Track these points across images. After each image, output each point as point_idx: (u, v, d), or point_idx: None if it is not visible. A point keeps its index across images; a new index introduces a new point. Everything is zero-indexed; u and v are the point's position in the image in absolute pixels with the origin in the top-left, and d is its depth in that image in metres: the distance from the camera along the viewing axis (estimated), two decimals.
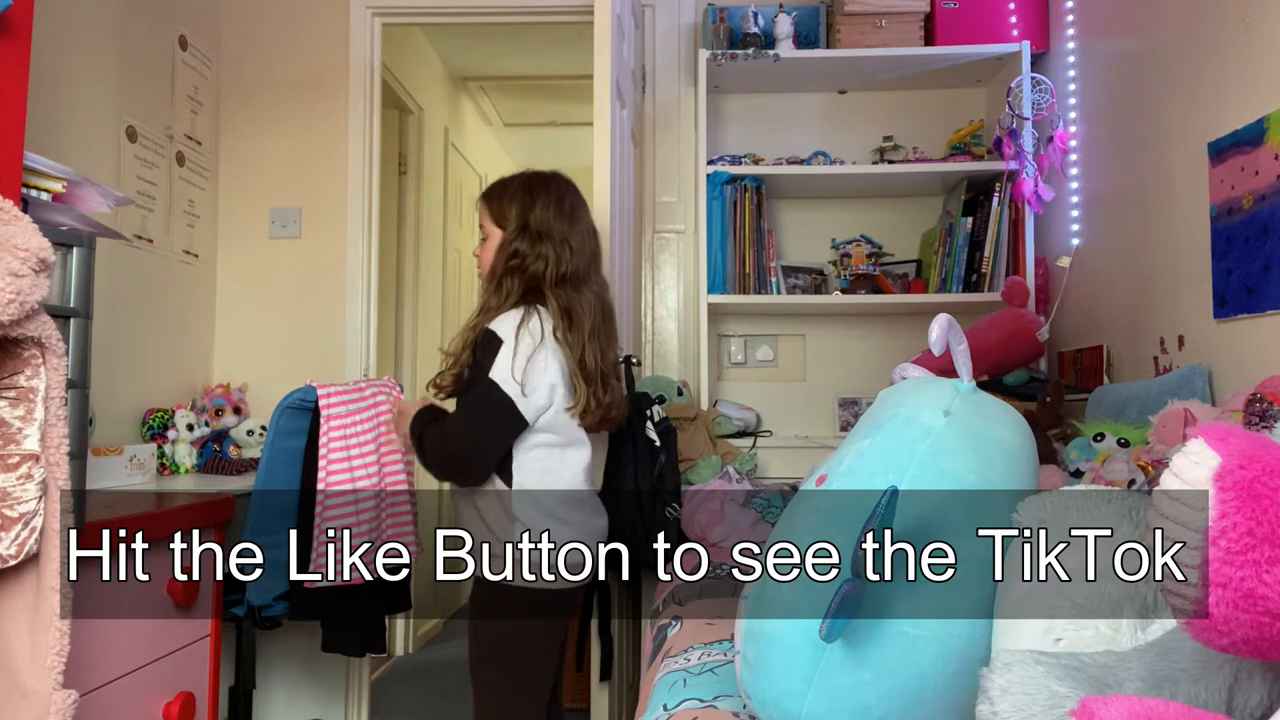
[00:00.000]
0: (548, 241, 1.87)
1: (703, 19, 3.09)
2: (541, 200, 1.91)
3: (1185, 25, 2.14)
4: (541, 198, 1.91)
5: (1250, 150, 1.85)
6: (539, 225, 1.88)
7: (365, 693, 3.02)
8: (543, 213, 1.89)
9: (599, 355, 1.88)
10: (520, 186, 1.94)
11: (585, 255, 1.92)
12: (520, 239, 1.88)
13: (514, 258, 1.88)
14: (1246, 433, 0.67)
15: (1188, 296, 2.11)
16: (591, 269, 1.94)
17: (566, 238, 1.89)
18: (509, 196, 1.93)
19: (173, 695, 1.83)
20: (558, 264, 1.87)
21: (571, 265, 1.88)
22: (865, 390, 3.13)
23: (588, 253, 1.93)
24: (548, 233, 1.88)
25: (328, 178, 3.10)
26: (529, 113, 5.42)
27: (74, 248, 1.46)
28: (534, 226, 1.88)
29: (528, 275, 1.87)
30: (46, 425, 1.24)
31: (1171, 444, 1.66)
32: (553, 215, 1.89)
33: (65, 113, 2.31)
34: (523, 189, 1.93)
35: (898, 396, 1.10)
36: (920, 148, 3.08)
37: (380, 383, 2.27)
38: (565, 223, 1.90)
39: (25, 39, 1.48)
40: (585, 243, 1.93)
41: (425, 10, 3.23)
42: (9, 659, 1.25)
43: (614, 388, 1.94)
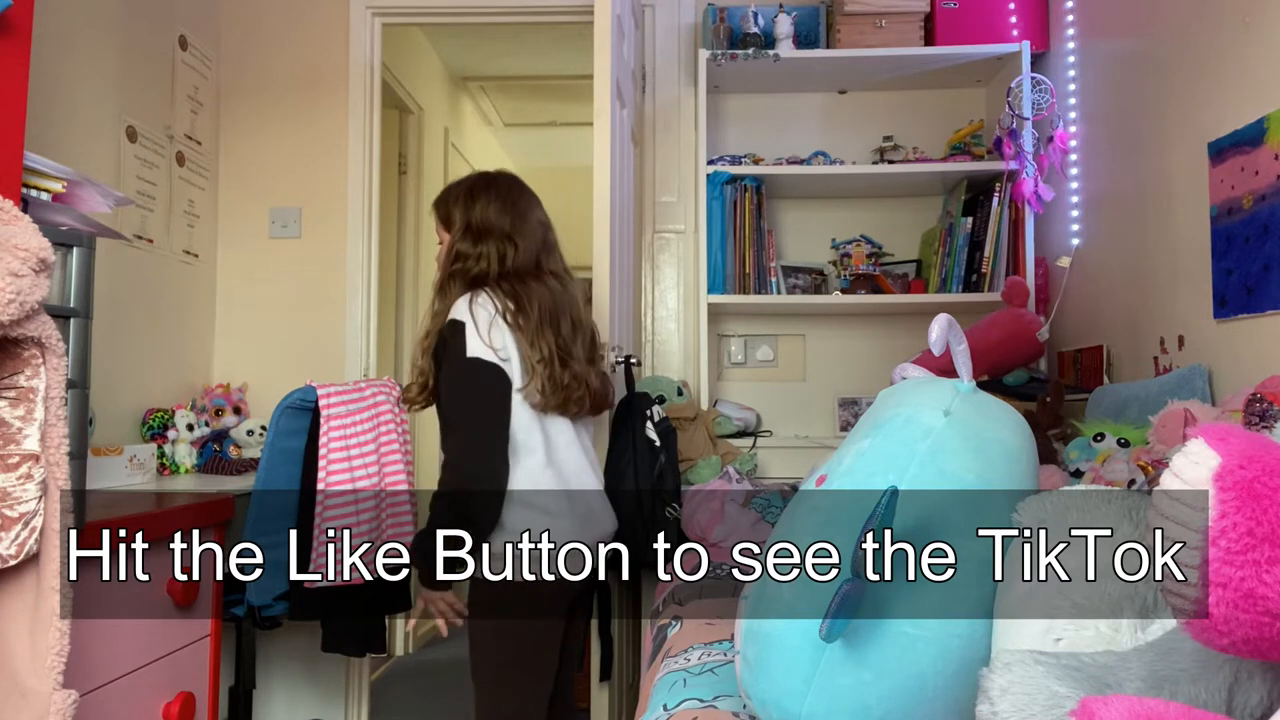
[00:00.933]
0: (489, 239, 1.90)
1: (703, 19, 3.09)
2: (483, 200, 1.93)
3: (1185, 25, 2.14)
4: (483, 197, 1.94)
5: (1250, 150, 1.85)
6: (480, 224, 1.91)
7: (365, 693, 3.02)
8: (483, 211, 1.92)
9: (552, 339, 1.87)
10: (464, 190, 1.97)
11: (533, 248, 1.93)
12: (464, 240, 1.91)
13: (457, 260, 1.90)
14: (1246, 433, 0.67)
15: (1188, 296, 2.11)
16: (543, 260, 1.95)
17: (510, 234, 1.91)
18: (453, 200, 1.96)
19: (173, 695, 1.83)
20: (501, 261, 1.89)
21: (517, 260, 1.90)
22: (865, 390, 3.13)
23: (535, 245, 1.94)
24: (489, 230, 1.90)
25: (328, 178, 3.10)
26: (529, 113, 5.42)
27: (74, 248, 1.46)
28: (475, 225, 1.91)
29: (471, 277, 1.89)
30: (46, 425, 1.24)
31: (1171, 444, 1.66)
32: (495, 213, 1.92)
33: (65, 113, 2.31)
34: (465, 192, 1.96)
35: (898, 396, 1.10)
36: (920, 148, 3.08)
37: (380, 383, 2.28)
38: (509, 218, 1.92)
39: (25, 39, 1.48)
40: (533, 237, 1.94)
41: (425, 10, 3.23)
42: (9, 659, 1.25)
43: (577, 370, 1.90)
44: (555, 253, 2.01)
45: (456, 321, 1.82)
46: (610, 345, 2.19)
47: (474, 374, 1.80)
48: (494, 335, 1.81)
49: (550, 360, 1.85)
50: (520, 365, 1.84)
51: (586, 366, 1.95)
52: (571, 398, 1.88)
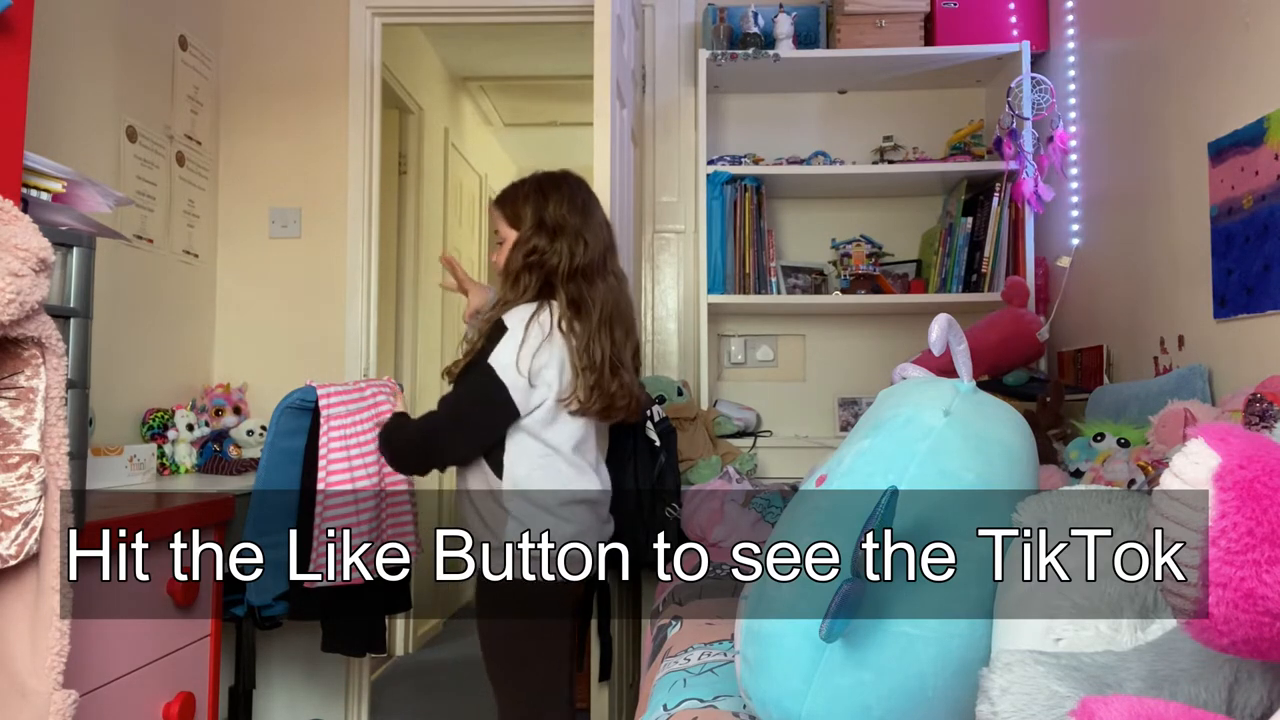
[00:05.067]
0: (563, 237, 1.92)
1: (703, 19, 3.09)
2: (555, 198, 1.95)
3: (1185, 25, 2.14)
4: (554, 195, 1.96)
5: (1250, 150, 1.85)
6: (554, 221, 1.93)
7: (365, 693, 3.02)
8: (556, 209, 1.94)
9: (608, 345, 1.91)
10: (533, 187, 1.99)
11: (599, 248, 1.96)
12: (537, 235, 1.92)
13: (532, 254, 1.92)
14: (1246, 433, 0.67)
15: (1187, 296, 2.11)
16: (607, 261, 1.98)
17: (581, 232, 1.93)
18: (523, 197, 1.98)
19: (173, 695, 1.83)
20: (572, 258, 1.91)
21: (586, 258, 1.92)
22: (865, 390, 3.13)
23: (601, 245, 1.97)
24: (563, 228, 1.92)
25: (328, 178, 3.10)
26: (529, 113, 5.42)
27: (74, 248, 1.46)
28: (550, 223, 1.93)
29: (545, 270, 1.91)
30: (46, 425, 1.24)
31: (1171, 444, 1.66)
32: (566, 211, 1.94)
33: (65, 113, 2.31)
34: (535, 189, 1.98)
35: (898, 396, 1.10)
36: (920, 148, 3.08)
37: (380, 382, 2.27)
38: (579, 217, 1.94)
39: (25, 39, 1.48)
40: (599, 236, 1.97)
41: (425, 10, 3.23)
42: (9, 659, 1.25)
43: (626, 379, 1.95)
44: (617, 253, 2.05)
45: (503, 326, 1.86)
46: None
47: (480, 377, 1.84)
48: (538, 356, 1.84)
49: (600, 368, 1.89)
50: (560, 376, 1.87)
51: (634, 376, 2.00)
52: (615, 405, 1.93)
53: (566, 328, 1.87)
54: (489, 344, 1.85)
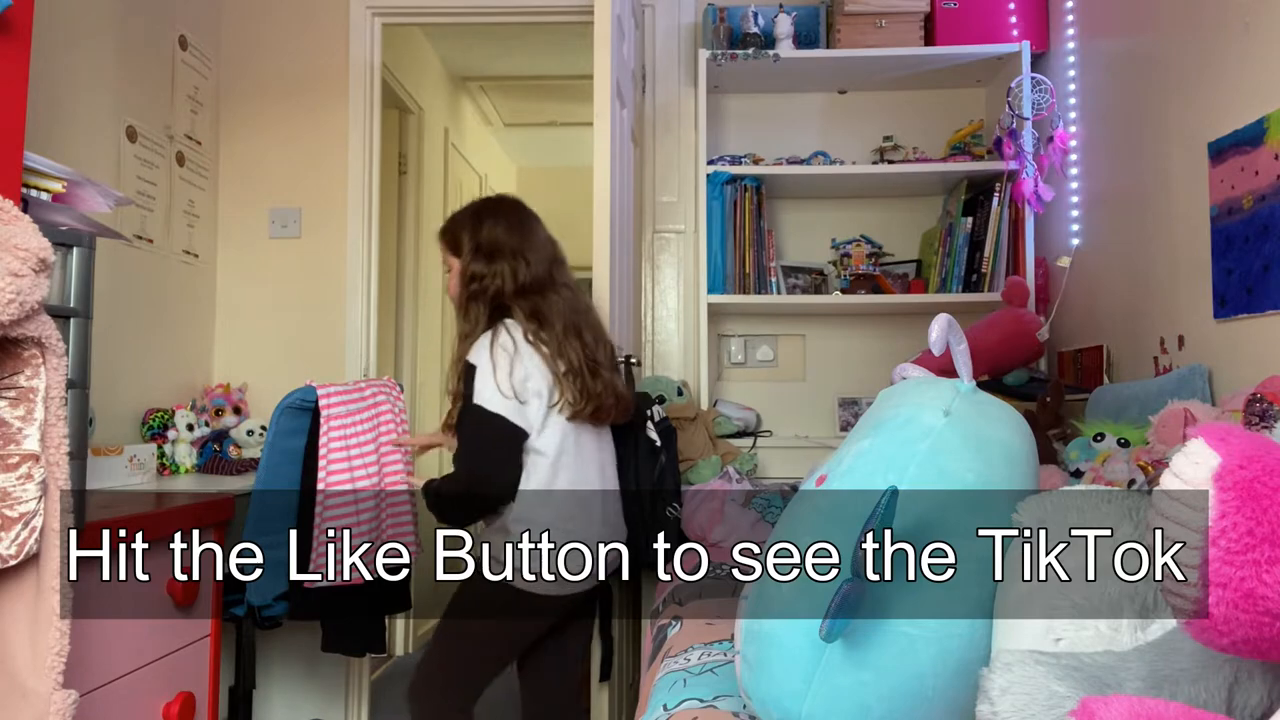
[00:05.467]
0: (501, 258, 1.96)
1: (703, 19, 3.09)
2: (489, 221, 2.01)
3: (1185, 25, 2.14)
4: (489, 219, 2.01)
5: (1250, 150, 1.85)
6: (490, 244, 1.98)
7: (365, 693, 3.02)
8: (491, 232, 1.99)
9: (580, 349, 1.94)
10: (469, 214, 2.06)
11: (543, 265, 2.00)
12: (475, 260, 1.98)
13: (473, 280, 1.97)
14: (1246, 433, 0.67)
15: (1188, 296, 2.11)
16: (554, 275, 2.02)
17: (520, 251, 1.98)
18: (459, 225, 2.04)
19: (173, 695, 1.83)
20: (515, 276, 1.95)
21: (530, 274, 1.97)
22: (865, 390, 3.13)
23: (545, 262, 2.01)
24: (500, 250, 1.97)
25: (328, 178, 3.10)
26: (529, 113, 5.42)
27: (74, 248, 1.46)
28: (486, 246, 1.98)
29: (490, 295, 1.95)
30: (46, 425, 1.24)
31: (1171, 444, 1.66)
32: (503, 233, 1.99)
33: (65, 113, 2.31)
34: (471, 216, 2.05)
35: (898, 396, 1.10)
36: (920, 148, 3.08)
37: (380, 382, 2.28)
38: (517, 237, 1.99)
39: (25, 39, 1.48)
40: (542, 253, 2.01)
41: (425, 10, 3.23)
42: (9, 659, 1.25)
43: (607, 378, 1.98)
44: (566, 268, 2.08)
45: (471, 366, 1.89)
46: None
47: (478, 421, 1.87)
48: (515, 372, 1.87)
49: (580, 371, 1.92)
50: (548, 385, 1.91)
51: (613, 374, 2.02)
52: (603, 405, 1.96)
53: (533, 338, 1.91)
54: (468, 388, 1.88)
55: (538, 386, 1.90)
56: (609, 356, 2.04)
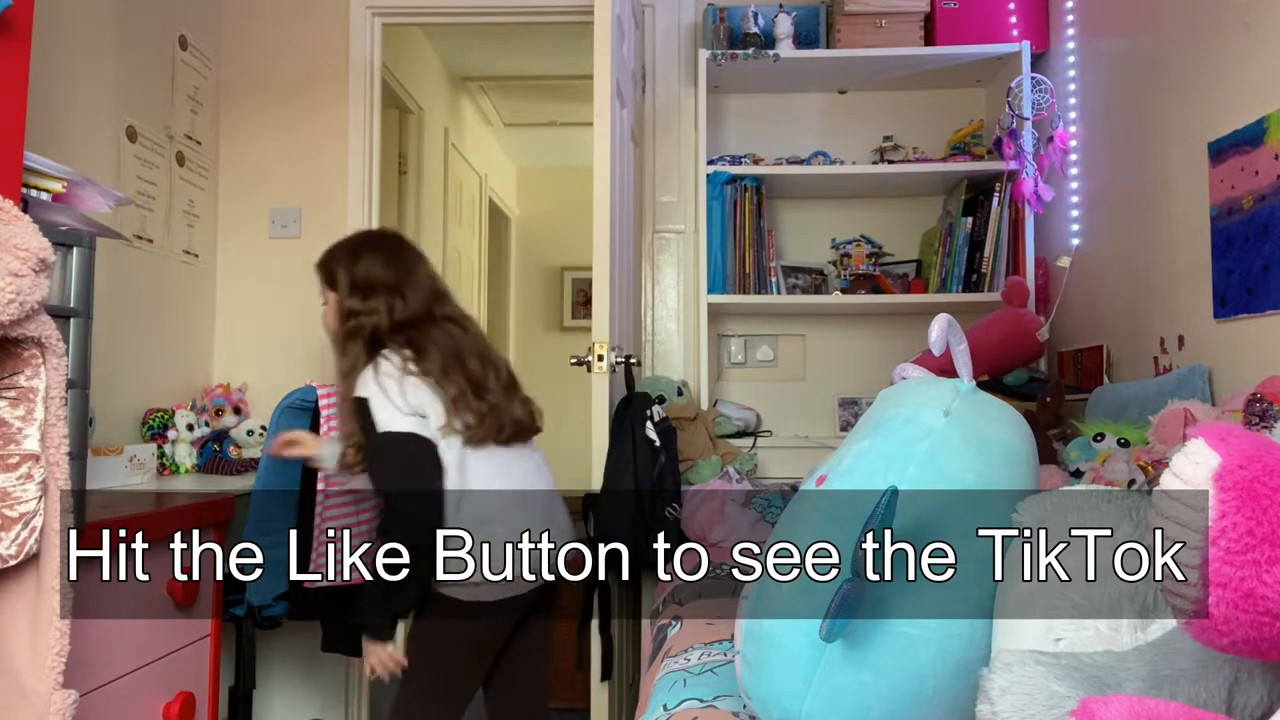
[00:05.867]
0: (377, 295, 1.93)
1: (703, 19, 3.09)
2: (367, 258, 1.98)
3: (1185, 25, 2.14)
4: (366, 255, 1.98)
5: (1250, 150, 1.85)
6: (366, 280, 1.95)
7: (365, 693, 3.02)
8: (367, 268, 1.96)
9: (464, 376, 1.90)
10: (346, 248, 2.02)
11: (420, 301, 1.97)
12: (351, 296, 1.95)
13: (350, 317, 1.94)
14: (1246, 433, 0.67)
15: (1187, 296, 2.11)
16: (435, 309, 1.99)
17: (397, 287, 1.95)
18: (336, 260, 2.00)
19: (173, 695, 1.83)
20: (391, 312, 1.92)
21: (407, 311, 1.94)
22: (865, 390, 3.13)
23: (424, 295, 1.98)
24: (375, 286, 1.94)
25: (328, 178, 3.10)
26: (529, 113, 5.42)
27: (74, 248, 1.46)
28: (362, 282, 1.95)
29: (367, 332, 1.92)
30: (46, 425, 1.24)
31: (1171, 444, 1.66)
32: (379, 268, 1.96)
33: (65, 113, 2.31)
34: (348, 251, 2.01)
35: (898, 396, 1.10)
36: (920, 148, 3.08)
37: None
38: (394, 272, 1.96)
39: (25, 39, 1.48)
40: (421, 288, 1.98)
41: (425, 10, 3.23)
42: (9, 659, 1.25)
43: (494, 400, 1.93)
44: (449, 301, 2.05)
45: (360, 399, 1.86)
46: (610, 345, 2.19)
47: (393, 448, 1.83)
48: (408, 395, 1.84)
49: (465, 394, 1.88)
50: (439, 408, 1.87)
51: (504, 398, 1.97)
52: (501, 424, 1.92)
53: (416, 369, 1.88)
54: (366, 421, 1.84)
55: (434, 410, 1.86)
56: (503, 380, 1.99)
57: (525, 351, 6.19)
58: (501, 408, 1.94)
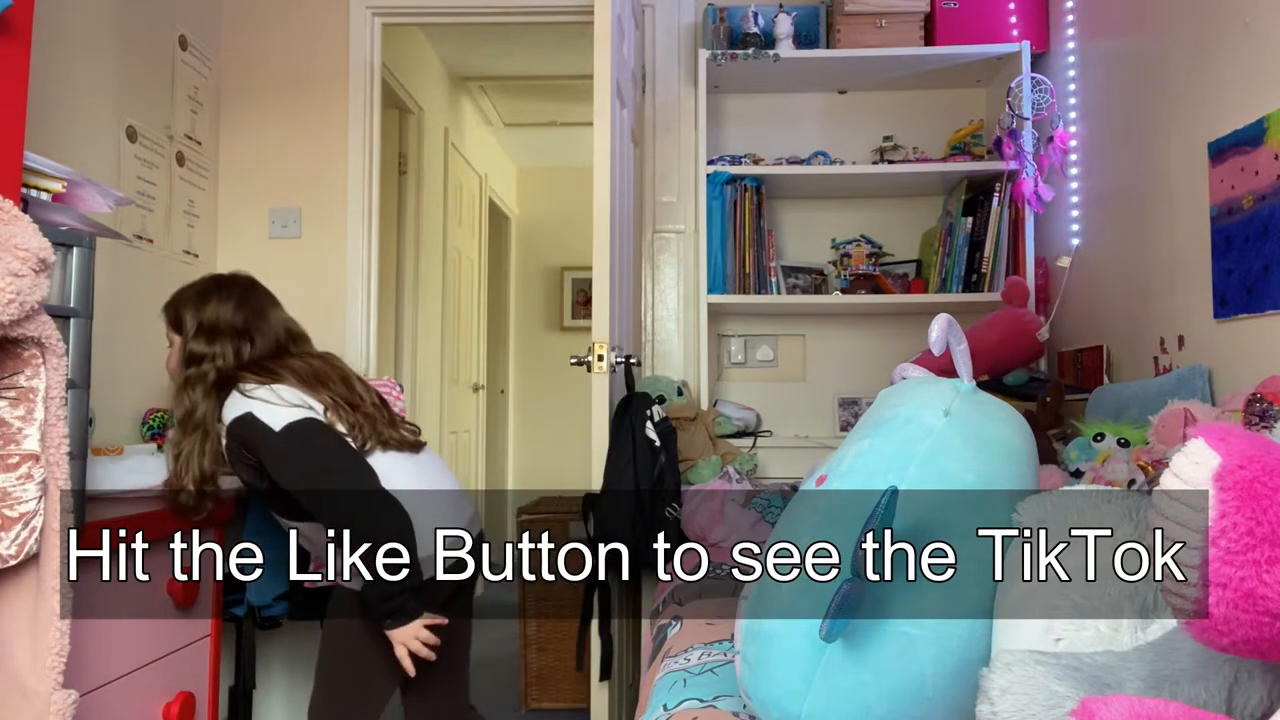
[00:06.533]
0: (222, 338, 1.89)
1: (703, 19, 3.09)
2: (215, 300, 1.94)
3: (1185, 25, 2.14)
4: (215, 298, 1.94)
5: (1250, 150, 1.85)
6: (211, 323, 1.90)
7: None
8: (215, 311, 1.92)
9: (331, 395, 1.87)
10: (194, 292, 1.97)
11: (273, 340, 1.94)
12: (196, 340, 1.90)
13: (191, 361, 1.88)
14: (1246, 433, 0.67)
15: (1187, 296, 2.11)
16: (291, 349, 1.96)
17: (246, 330, 1.91)
18: (184, 303, 1.96)
19: (173, 695, 1.83)
20: (238, 356, 1.88)
21: (254, 354, 1.90)
22: (865, 390, 3.13)
23: (276, 337, 1.95)
24: (221, 329, 1.90)
25: (328, 178, 3.10)
26: (529, 113, 5.42)
27: (74, 248, 1.46)
28: (207, 325, 1.90)
29: (212, 378, 1.86)
30: (46, 425, 1.24)
31: (1171, 444, 1.66)
32: (229, 312, 1.92)
33: (65, 113, 2.31)
34: (196, 294, 1.96)
35: (898, 396, 1.10)
36: (920, 148, 3.08)
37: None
38: (243, 315, 1.92)
39: (25, 39, 1.48)
40: (271, 332, 1.95)
41: (425, 10, 3.23)
42: (9, 659, 1.25)
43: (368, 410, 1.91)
44: (306, 343, 2.02)
45: (240, 418, 1.80)
46: (610, 345, 2.19)
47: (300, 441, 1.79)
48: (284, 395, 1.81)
49: (337, 404, 1.86)
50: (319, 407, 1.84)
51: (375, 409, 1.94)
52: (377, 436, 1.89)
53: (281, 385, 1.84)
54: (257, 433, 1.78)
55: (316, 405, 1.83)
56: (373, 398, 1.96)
57: (525, 351, 6.20)
58: (377, 419, 1.91)
